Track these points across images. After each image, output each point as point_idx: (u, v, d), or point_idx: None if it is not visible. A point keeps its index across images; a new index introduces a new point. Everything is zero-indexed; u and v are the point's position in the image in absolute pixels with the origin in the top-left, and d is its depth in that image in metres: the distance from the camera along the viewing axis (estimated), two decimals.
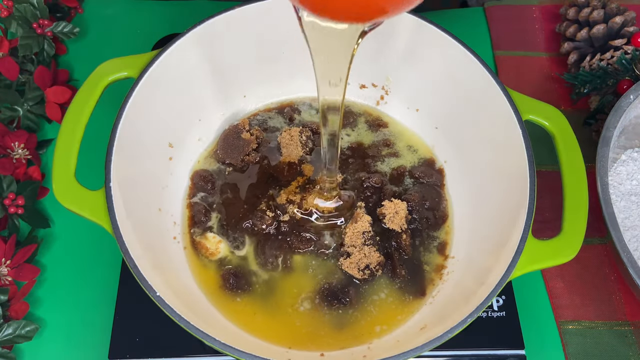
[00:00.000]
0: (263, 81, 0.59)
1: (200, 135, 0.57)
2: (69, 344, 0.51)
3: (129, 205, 0.45)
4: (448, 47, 0.52)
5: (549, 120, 0.49)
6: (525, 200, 0.45)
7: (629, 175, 0.55)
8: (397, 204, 0.51)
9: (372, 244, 0.50)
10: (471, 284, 0.45)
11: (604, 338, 0.52)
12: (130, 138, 0.48)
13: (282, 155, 0.56)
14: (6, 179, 0.55)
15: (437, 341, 0.39)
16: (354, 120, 0.60)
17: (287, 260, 0.51)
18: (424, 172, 0.56)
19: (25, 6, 0.62)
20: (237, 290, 0.49)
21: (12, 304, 0.51)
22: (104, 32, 0.69)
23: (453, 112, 0.56)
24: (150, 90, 0.50)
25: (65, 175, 0.45)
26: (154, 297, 0.40)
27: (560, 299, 0.54)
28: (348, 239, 0.50)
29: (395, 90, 0.59)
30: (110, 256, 0.54)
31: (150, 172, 0.52)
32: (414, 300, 0.49)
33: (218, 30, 0.53)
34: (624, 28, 0.63)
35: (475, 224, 0.52)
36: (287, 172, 0.55)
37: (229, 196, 0.54)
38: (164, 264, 0.48)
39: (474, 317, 0.40)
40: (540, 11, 0.72)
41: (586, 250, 0.56)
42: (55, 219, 0.57)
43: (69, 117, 0.47)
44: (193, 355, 0.49)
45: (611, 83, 0.61)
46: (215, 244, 0.51)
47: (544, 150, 0.54)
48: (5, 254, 0.52)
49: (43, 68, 0.60)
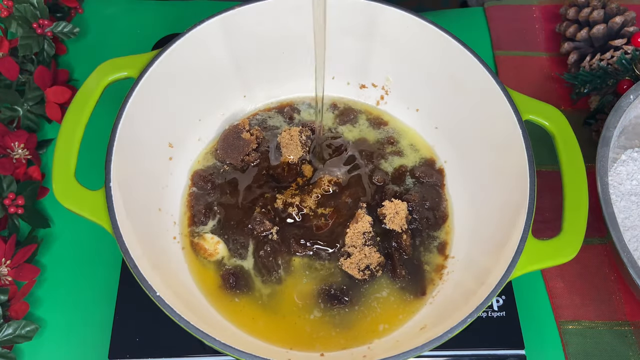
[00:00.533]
0: (263, 81, 0.59)
1: (200, 135, 0.57)
2: (69, 344, 0.51)
3: (129, 205, 0.45)
4: (448, 47, 0.52)
5: (549, 120, 0.49)
6: (525, 200, 0.45)
7: (629, 175, 0.55)
8: (397, 204, 0.51)
9: (373, 244, 0.50)
10: (471, 284, 0.45)
11: (604, 338, 0.52)
12: (130, 138, 0.48)
13: (282, 155, 0.56)
14: (6, 179, 0.55)
15: (437, 341, 0.39)
16: (355, 117, 0.60)
17: (287, 263, 0.51)
18: (425, 172, 0.56)
19: (25, 6, 0.62)
20: (237, 291, 0.49)
21: (12, 304, 0.51)
22: (104, 32, 0.69)
23: (453, 112, 0.56)
24: (150, 90, 0.50)
25: (65, 176, 0.45)
26: (154, 297, 0.40)
27: (560, 299, 0.54)
28: (348, 239, 0.50)
29: (395, 90, 0.59)
30: (110, 256, 0.54)
31: (150, 172, 0.52)
32: (415, 300, 0.49)
33: (217, 31, 0.53)
34: (624, 28, 0.63)
35: (475, 223, 0.52)
36: (287, 172, 0.55)
37: (229, 196, 0.54)
38: (163, 264, 0.48)
39: (474, 317, 0.40)
40: (540, 11, 0.72)
41: (586, 250, 0.56)
42: (55, 219, 0.57)
43: (68, 117, 0.47)
44: (193, 355, 0.49)
45: (611, 83, 0.61)
46: (214, 244, 0.51)
47: (543, 150, 0.54)
48: (5, 254, 0.52)
49: (43, 68, 0.60)
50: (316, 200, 0.53)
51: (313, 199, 0.53)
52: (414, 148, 0.58)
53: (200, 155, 0.57)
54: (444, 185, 0.56)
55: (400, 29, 0.54)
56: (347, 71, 0.59)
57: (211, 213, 0.53)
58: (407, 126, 0.59)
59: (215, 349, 0.40)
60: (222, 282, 0.50)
